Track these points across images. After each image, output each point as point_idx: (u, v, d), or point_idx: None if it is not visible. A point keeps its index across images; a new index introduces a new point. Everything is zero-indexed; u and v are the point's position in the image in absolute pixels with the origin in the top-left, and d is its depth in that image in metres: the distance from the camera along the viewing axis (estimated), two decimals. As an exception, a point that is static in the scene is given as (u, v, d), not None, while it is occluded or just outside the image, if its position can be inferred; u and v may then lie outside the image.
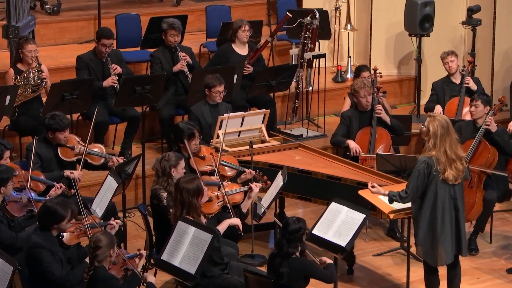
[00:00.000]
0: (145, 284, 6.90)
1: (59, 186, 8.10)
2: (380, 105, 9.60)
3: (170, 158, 7.97)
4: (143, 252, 7.12)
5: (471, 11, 11.61)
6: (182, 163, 8.04)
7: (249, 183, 8.18)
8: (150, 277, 6.98)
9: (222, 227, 7.62)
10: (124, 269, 6.92)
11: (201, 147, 8.67)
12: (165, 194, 7.85)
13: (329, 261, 7.35)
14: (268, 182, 8.41)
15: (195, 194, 7.37)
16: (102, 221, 7.69)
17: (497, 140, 9.08)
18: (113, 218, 7.56)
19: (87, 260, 6.94)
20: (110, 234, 6.88)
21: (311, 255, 7.31)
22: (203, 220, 7.54)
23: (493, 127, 9.09)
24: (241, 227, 7.72)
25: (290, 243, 7.10)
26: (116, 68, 10.09)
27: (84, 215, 7.41)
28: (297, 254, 7.15)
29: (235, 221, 7.70)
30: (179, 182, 7.45)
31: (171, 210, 7.69)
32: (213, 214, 7.91)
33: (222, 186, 8.02)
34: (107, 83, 10.03)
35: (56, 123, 8.50)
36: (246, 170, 8.56)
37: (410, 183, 7.57)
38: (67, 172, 8.48)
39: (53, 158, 8.58)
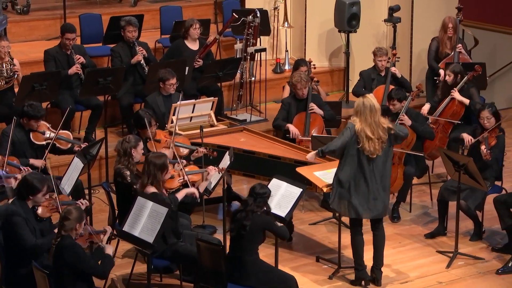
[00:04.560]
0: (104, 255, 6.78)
1: (26, 169, 8.04)
2: (314, 105, 9.57)
3: (130, 140, 7.96)
4: (108, 228, 7.03)
5: (392, 10, 11.68)
6: (141, 144, 8.04)
7: (207, 167, 8.11)
8: (108, 249, 6.82)
9: (180, 195, 7.63)
10: (89, 242, 6.84)
11: (156, 131, 8.65)
12: (128, 173, 7.82)
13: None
14: (215, 153, 8.42)
15: (160, 169, 7.42)
16: (71, 198, 7.63)
17: (412, 128, 9.18)
18: (81, 199, 7.50)
19: (55, 231, 6.88)
20: (81, 210, 6.79)
21: (274, 218, 7.33)
22: (165, 193, 7.54)
23: (407, 121, 9.15)
24: (197, 195, 7.72)
25: (256, 201, 7.14)
26: (79, 58, 10.00)
27: (56, 193, 7.33)
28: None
29: (192, 189, 7.71)
30: (148, 156, 7.51)
31: (135, 186, 7.68)
32: (174, 190, 7.89)
33: (181, 166, 7.98)
34: (72, 70, 9.92)
35: (33, 111, 8.44)
36: (198, 148, 8.57)
37: (333, 139, 7.70)
38: (32, 161, 8.38)
39: (26, 141, 8.53)
